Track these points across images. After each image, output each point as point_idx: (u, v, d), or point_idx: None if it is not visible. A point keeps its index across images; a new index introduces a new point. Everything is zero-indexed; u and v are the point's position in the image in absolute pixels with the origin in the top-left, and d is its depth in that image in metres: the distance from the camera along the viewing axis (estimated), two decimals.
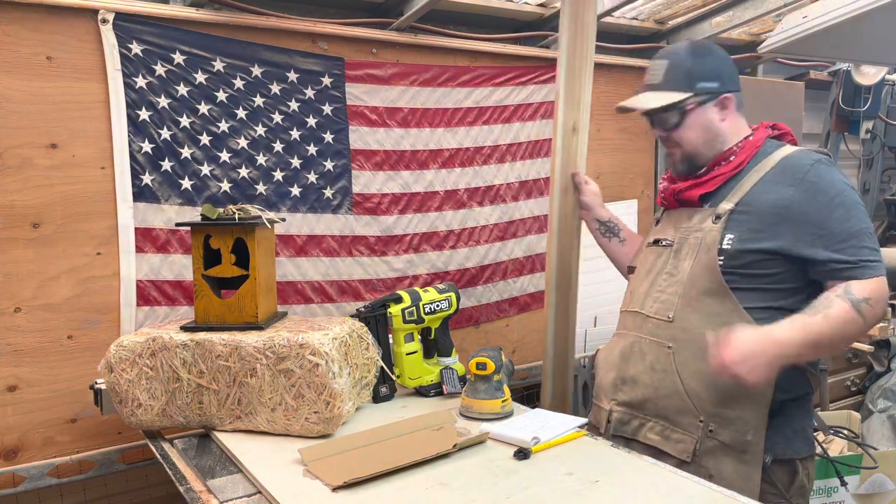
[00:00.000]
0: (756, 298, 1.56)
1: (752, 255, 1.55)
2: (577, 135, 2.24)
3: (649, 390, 1.66)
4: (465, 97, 2.72)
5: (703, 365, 1.54)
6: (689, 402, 1.59)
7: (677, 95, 1.64)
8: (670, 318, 1.63)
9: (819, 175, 1.53)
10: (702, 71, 1.64)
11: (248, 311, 1.79)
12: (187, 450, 1.78)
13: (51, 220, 2.00)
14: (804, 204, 1.52)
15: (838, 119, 4.08)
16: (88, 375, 2.02)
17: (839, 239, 1.50)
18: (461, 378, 1.97)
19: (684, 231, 1.68)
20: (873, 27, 2.37)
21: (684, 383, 1.60)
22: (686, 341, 1.60)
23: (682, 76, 1.64)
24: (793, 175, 1.55)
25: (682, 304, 1.62)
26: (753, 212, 1.56)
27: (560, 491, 1.35)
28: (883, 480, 2.53)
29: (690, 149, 1.67)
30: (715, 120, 1.65)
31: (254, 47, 2.28)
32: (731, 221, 1.58)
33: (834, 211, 1.51)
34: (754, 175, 1.60)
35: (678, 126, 1.66)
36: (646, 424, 1.68)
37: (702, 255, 1.61)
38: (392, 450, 1.53)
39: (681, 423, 1.61)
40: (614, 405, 1.74)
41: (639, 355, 1.69)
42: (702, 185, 1.67)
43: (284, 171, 2.36)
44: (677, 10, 3.09)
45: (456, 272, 2.75)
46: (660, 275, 1.71)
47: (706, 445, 1.57)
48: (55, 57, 1.98)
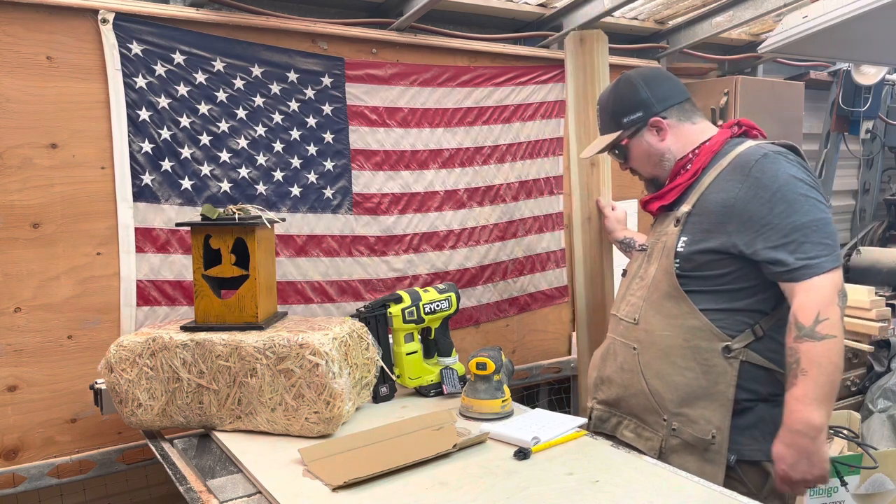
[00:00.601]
0: (711, 300, 1.58)
1: (702, 256, 1.58)
2: (597, 168, 2.42)
3: (621, 389, 1.73)
4: (465, 97, 2.72)
5: (664, 365, 1.62)
6: (652, 402, 1.65)
7: (609, 137, 1.79)
8: (636, 321, 1.70)
9: (762, 170, 1.52)
10: (622, 108, 1.75)
11: (248, 311, 1.79)
12: (187, 450, 1.78)
13: (51, 220, 2.00)
14: (747, 200, 1.52)
15: (838, 119, 4.08)
16: (88, 375, 2.03)
17: (781, 234, 1.48)
18: (461, 378, 1.97)
19: (656, 236, 1.74)
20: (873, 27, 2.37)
21: (648, 383, 1.65)
22: (649, 343, 1.66)
23: (608, 119, 1.80)
24: (741, 171, 1.55)
25: (646, 307, 1.69)
26: (705, 212, 1.59)
27: (560, 491, 1.35)
28: (883, 480, 2.53)
29: (646, 173, 1.79)
30: (654, 143, 1.73)
31: (254, 47, 2.28)
32: (688, 224, 1.62)
33: (775, 206, 1.49)
34: (710, 176, 1.62)
35: (627, 159, 1.81)
36: (622, 422, 1.75)
37: (663, 259, 1.66)
38: (392, 450, 1.53)
39: (648, 421, 1.67)
40: (595, 403, 1.84)
41: (612, 356, 1.78)
42: (661, 197, 1.73)
43: (284, 171, 2.36)
44: (677, 10, 3.09)
45: (456, 272, 2.75)
46: (634, 279, 1.78)
47: (670, 444, 1.62)
48: (55, 57, 1.98)
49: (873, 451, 2.54)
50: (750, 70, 3.68)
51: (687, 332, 1.59)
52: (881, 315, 3.13)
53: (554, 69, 2.95)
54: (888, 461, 2.53)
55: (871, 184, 4.67)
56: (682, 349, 1.60)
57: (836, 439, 2.65)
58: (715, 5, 3.02)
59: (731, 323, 1.57)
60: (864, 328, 3.16)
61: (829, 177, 4.17)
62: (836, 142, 4.15)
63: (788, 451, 1.47)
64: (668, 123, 1.72)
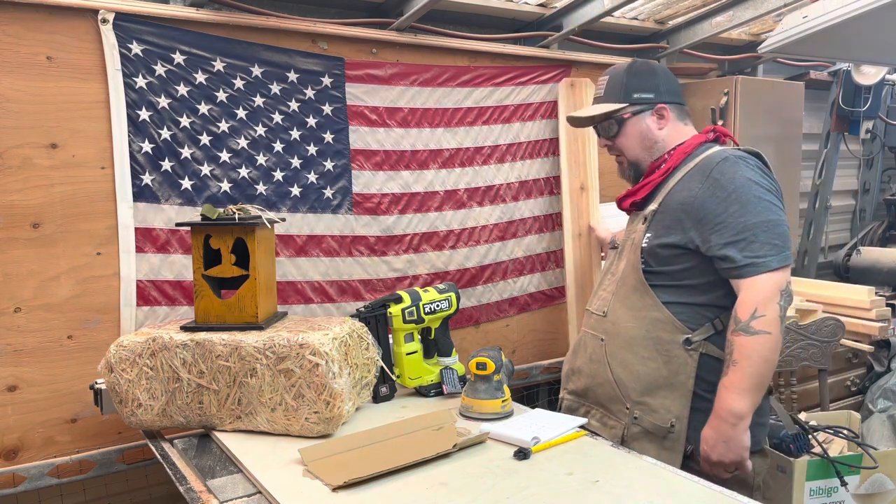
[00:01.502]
0: (674, 294, 1.66)
1: (663, 250, 1.66)
2: (586, 193, 2.88)
3: (589, 379, 1.81)
4: (465, 97, 2.72)
5: (628, 355, 1.70)
6: (617, 391, 1.72)
7: (613, 105, 1.79)
8: (605, 314, 1.78)
9: (722, 172, 1.61)
10: (637, 83, 1.77)
11: (248, 311, 1.79)
12: (187, 450, 1.78)
13: (51, 220, 2.00)
14: (704, 198, 1.61)
15: (838, 119, 4.08)
16: (88, 375, 2.02)
17: (733, 232, 1.56)
18: (461, 378, 1.97)
19: (628, 234, 1.82)
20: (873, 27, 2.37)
21: (613, 372, 1.73)
22: (615, 334, 1.73)
23: (618, 88, 1.79)
24: (702, 172, 1.65)
25: (614, 300, 1.76)
26: (667, 210, 1.68)
27: (560, 491, 1.35)
28: (883, 480, 2.53)
29: (632, 156, 1.80)
30: (652, 128, 1.77)
31: (254, 47, 2.28)
32: (653, 222, 1.71)
33: (730, 206, 1.58)
34: (677, 177, 1.71)
35: (617, 134, 1.80)
36: (590, 412, 1.82)
37: (631, 254, 1.74)
38: (392, 450, 1.53)
39: (612, 409, 1.74)
40: (566, 393, 1.92)
41: (583, 348, 1.86)
42: (633, 194, 1.81)
43: (284, 171, 2.36)
44: (677, 10, 3.09)
45: (456, 272, 2.75)
46: (606, 275, 1.87)
47: (632, 431, 1.69)
48: (55, 57, 1.98)
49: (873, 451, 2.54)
50: (750, 70, 3.68)
51: (650, 324, 1.67)
52: (881, 315, 3.13)
53: (554, 69, 2.95)
54: (888, 461, 2.53)
55: (871, 184, 4.67)
56: (645, 340, 1.68)
57: (836, 439, 2.65)
58: (715, 5, 3.02)
59: (691, 316, 1.65)
60: (864, 328, 3.16)
61: (829, 177, 4.17)
62: (836, 142, 4.15)
63: (711, 435, 1.58)
64: (670, 115, 1.79)
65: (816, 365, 2.89)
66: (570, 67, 3.00)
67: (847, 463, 2.33)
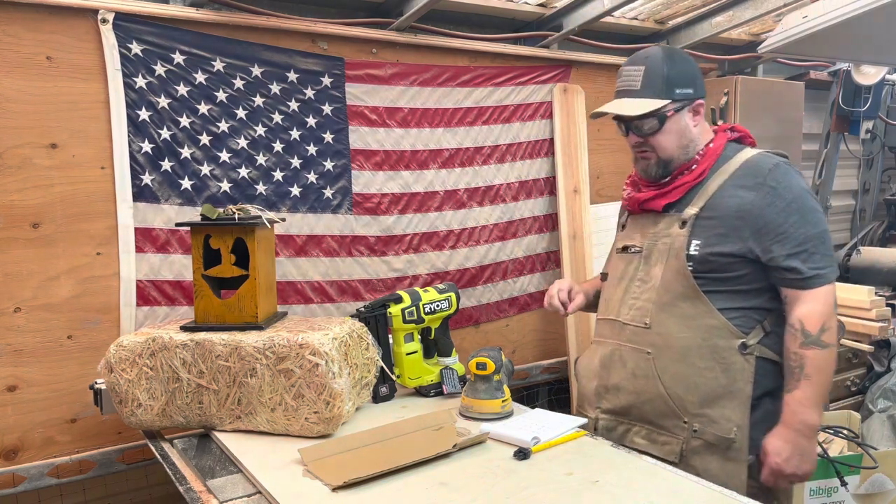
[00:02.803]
0: (727, 300, 1.61)
1: (719, 259, 1.60)
2: (579, 195, 2.97)
3: (632, 396, 1.69)
4: (465, 97, 2.72)
5: (683, 367, 1.61)
6: (671, 405, 1.63)
7: (657, 102, 1.64)
8: (647, 325, 1.66)
9: (777, 179, 1.58)
10: (678, 77, 1.65)
11: (248, 311, 1.79)
12: (187, 450, 1.78)
13: (51, 220, 2.00)
14: (763, 208, 1.57)
15: (838, 119, 4.07)
16: (88, 375, 2.02)
17: (794, 244, 1.55)
18: (461, 378, 1.97)
19: (652, 237, 1.71)
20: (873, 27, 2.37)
21: (666, 387, 1.63)
22: (664, 346, 1.64)
23: (660, 82, 1.64)
24: (754, 179, 1.60)
25: (656, 309, 1.65)
26: (718, 216, 1.61)
27: (560, 491, 1.35)
28: (883, 480, 2.53)
29: (666, 154, 1.68)
30: (689, 125, 1.68)
31: (254, 47, 2.28)
32: (697, 227, 1.62)
33: (790, 216, 1.56)
34: (717, 179, 1.64)
35: (656, 132, 1.67)
36: (632, 429, 1.71)
37: (672, 260, 1.64)
38: (392, 450, 1.53)
39: (665, 425, 1.65)
40: (599, 413, 1.77)
41: (619, 363, 1.72)
42: (666, 195, 1.69)
43: (284, 171, 2.36)
44: (677, 10, 3.09)
45: (456, 272, 2.75)
46: (632, 282, 1.73)
47: (692, 445, 1.61)
48: (55, 57, 1.98)
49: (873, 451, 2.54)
50: (750, 70, 3.68)
51: (705, 332, 1.60)
52: (881, 315, 3.13)
53: (554, 69, 2.95)
54: (888, 461, 2.53)
55: (871, 184, 4.67)
56: (701, 349, 1.60)
57: (836, 439, 2.65)
58: (715, 5, 3.02)
59: (744, 321, 1.61)
60: (864, 328, 3.15)
61: (829, 177, 4.17)
62: (836, 142, 4.15)
63: (785, 447, 1.55)
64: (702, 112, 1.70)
65: None
66: (570, 67, 3.00)
67: (847, 463, 2.33)
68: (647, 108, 1.64)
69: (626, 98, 1.69)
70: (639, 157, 1.73)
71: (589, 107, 3.03)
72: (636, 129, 1.69)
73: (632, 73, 1.69)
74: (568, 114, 2.97)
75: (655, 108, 1.64)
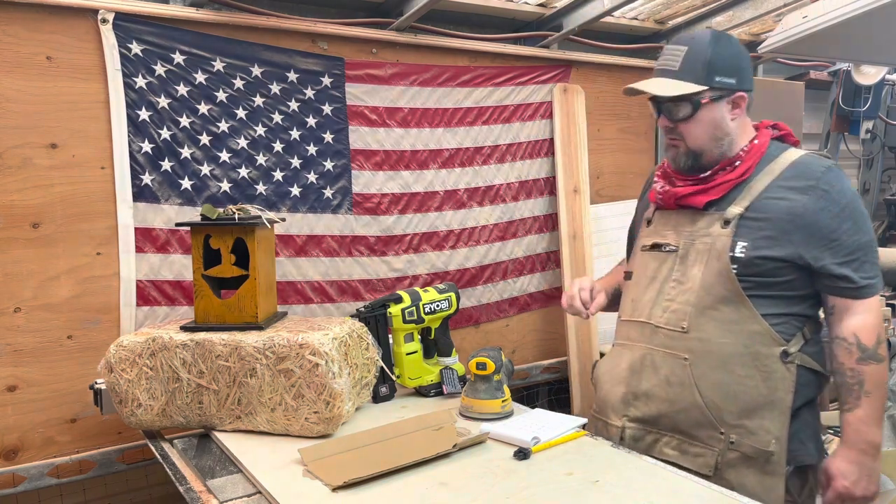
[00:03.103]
0: (771, 305, 1.53)
1: (766, 263, 1.51)
2: (579, 195, 2.99)
3: (665, 405, 1.59)
4: (465, 97, 2.72)
5: (722, 375, 1.53)
6: (708, 415, 1.54)
7: (693, 87, 1.53)
8: (685, 329, 1.56)
9: (830, 183, 1.51)
10: (721, 64, 1.53)
11: (248, 311, 1.79)
12: (187, 450, 1.78)
13: (51, 220, 2.00)
14: (815, 212, 1.49)
15: (838, 119, 4.07)
16: (88, 375, 2.02)
17: (847, 251, 1.50)
18: (461, 378, 1.97)
19: (688, 235, 1.61)
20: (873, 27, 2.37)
21: (703, 396, 1.54)
22: (703, 352, 1.55)
23: (700, 67, 1.53)
24: (805, 181, 1.52)
25: (695, 313, 1.56)
26: (766, 218, 1.52)
27: (560, 491, 1.35)
28: (883, 480, 2.52)
29: (696, 145, 1.57)
30: (726, 118, 1.56)
31: (254, 47, 2.28)
32: (742, 227, 1.53)
33: (843, 222, 1.50)
34: (763, 179, 1.55)
35: (688, 119, 1.56)
36: (661, 439, 1.62)
37: (713, 261, 1.55)
38: (392, 450, 1.53)
39: (699, 436, 1.56)
40: (626, 421, 1.66)
41: (651, 368, 1.62)
42: (707, 191, 1.59)
43: (284, 171, 2.36)
44: (677, 10, 3.09)
45: (456, 272, 2.75)
46: (666, 282, 1.63)
47: (727, 458, 1.53)
48: (55, 57, 1.98)
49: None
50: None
51: (747, 338, 1.52)
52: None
53: (554, 69, 2.95)
54: (888, 461, 2.53)
55: (871, 184, 4.66)
56: (743, 356, 1.52)
57: (836, 439, 2.65)
58: (715, 5, 3.02)
59: (786, 328, 1.54)
60: None
61: None
62: (836, 142, 4.15)
63: (852, 469, 1.50)
64: (743, 105, 1.58)
65: None
66: (570, 67, 3.00)
67: None
68: (678, 91, 1.53)
69: (663, 78, 1.58)
70: (669, 144, 1.63)
71: (589, 107, 3.04)
72: (668, 112, 1.58)
73: (673, 52, 1.57)
74: (568, 114, 2.97)
75: (688, 93, 1.52)
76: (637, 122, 3.20)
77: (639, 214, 1.86)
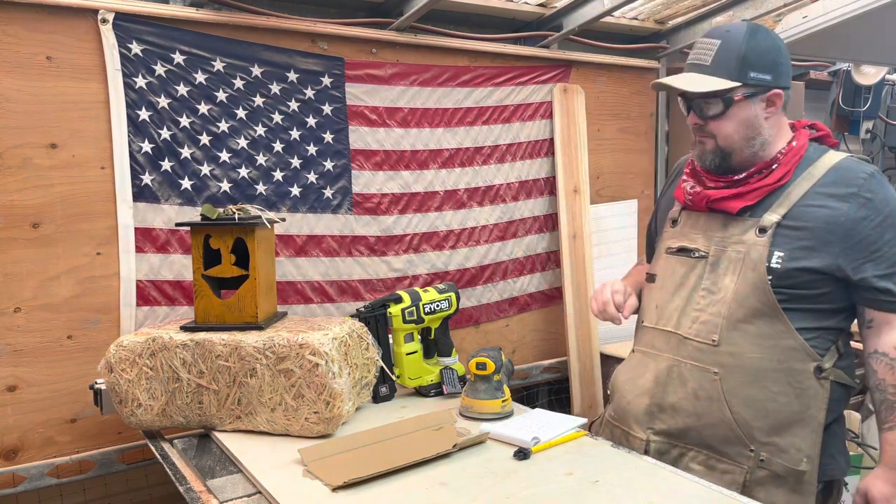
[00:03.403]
0: (806, 319, 1.47)
1: (803, 275, 1.45)
2: (579, 195, 2.99)
3: (692, 419, 1.53)
4: (465, 97, 2.71)
5: (754, 391, 1.48)
6: (738, 431, 1.49)
7: (725, 83, 1.46)
8: (715, 342, 1.50)
9: (873, 190, 1.44)
10: (756, 60, 1.46)
11: (248, 311, 1.79)
12: (187, 450, 1.78)
13: (51, 220, 2.00)
14: (856, 221, 1.43)
15: (838, 119, 4.07)
16: (88, 375, 2.02)
17: (889, 264, 1.43)
18: (461, 378, 1.97)
19: (720, 241, 1.54)
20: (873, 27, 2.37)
21: (733, 411, 1.49)
22: (734, 367, 1.49)
23: (734, 62, 1.45)
24: (846, 188, 1.44)
25: (726, 325, 1.49)
26: (804, 227, 1.45)
27: (560, 491, 1.35)
28: None
29: (726, 143, 1.51)
30: (760, 116, 1.49)
31: (254, 47, 2.28)
32: (779, 236, 1.46)
33: (885, 232, 1.43)
34: (802, 184, 1.48)
35: (719, 116, 1.49)
36: (687, 454, 1.57)
37: (747, 271, 1.48)
38: (392, 450, 1.53)
39: (727, 452, 1.51)
40: (651, 434, 1.60)
41: (678, 381, 1.55)
42: (741, 196, 1.51)
43: (284, 171, 2.36)
44: (677, 10, 3.09)
45: (456, 272, 2.75)
46: (695, 291, 1.56)
47: (756, 476, 1.48)
48: (55, 57, 1.98)
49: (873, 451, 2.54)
50: None
51: (781, 354, 1.46)
52: None
53: (554, 69, 2.95)
54: None
55: None
56: (776, 372, 1.47)
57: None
58: (715, 5, 3.02)
59: (820, 342, 1.48)
60: None
61: None
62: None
63: (889, 489, 1.46)
64: (779, 104, 1.51)
65: None
66: (570, 67, 3.00)
67: None
68: (711, 87, 1.46)
69: (694, 73, 1.50)
70: (696, 140, 1.56)
71: (589, 107, 3.04)
72: (698, 109, 1.51)
73: (706, 46, 1.49)
74: (568, 114, 2.97)
75: (721, 89, 1.46)
76: (637, 122, 3.20)
77: (662, 211, 1.77)
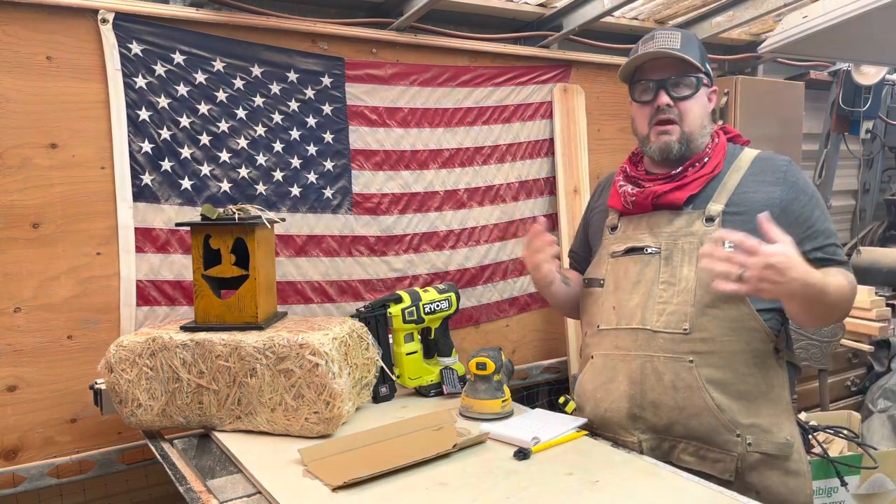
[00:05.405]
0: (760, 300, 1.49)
1: None
2: (579, 195, 3.00)
3: (674, 412, 1.53)
4: (465, 97, 2.72)
5: (728, 374, 1.50)
6: (721, 417, 1.49)
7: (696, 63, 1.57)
8: (686, 330, 1.52)
9: (796, 175, 1.58)
10: (704, 56, 1.62)
11: (248, 311, 1.79)
12: (187, 450, 1.78)
13: (51, 220, 2.00)
14: (790, 203, 1.55)
15: (838, 119, 4.07)
16: (88, 375, 2.02)
17: (823, 237, 1.56)
18: (461, 378, 1.97)
19: (669, 236, 1.59)
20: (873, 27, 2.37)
21: (713, 398, 1.50)
22: (707, 353, 1.51)
23: (696, 51, 1.57)
24: (773, 175, 1.58)
25: (695, 313, 1.52)
26: (746, 212, 1.53)
27: (560, 491, 1.35)
28: (883, 480, 2.53)
29: (690, 129, 1.59)
30: (708, 107, 1.64)
31: (254, 47, 2.28)
32: (726, 223, 1.53)
33: (814, 210, 1.56)
34: (734, 175, 1.59)
35: (689, 97, 1.57)
36: (678, 446, 1.56)
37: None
38: (392, 450, 1.53)
39: (715, 440, 1.51)
40: (640, 434, 1.59)
41: (654, 376, 1.55)
42: (684, 187, 1.58)
43: (284, 171, 2.36)
44: (677, 10, 3.09)
45: (456, 272, 2.75)
46: (654, 285, 1.58)
47: (749, 461, 1.49)
48: (55, 57, 1.98)
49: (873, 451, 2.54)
50: (750, 70, 3.67)
51: (748, 335, 1.51)
52: (881, 315, 3.14)
53: (554, 69, 2.95)
54: (888, 461, 2.53)
55: (871, 184, 4.66)
56: (744, 354, 1.51)
57: (836, 439, 2.65)
58: (715, 5, 3.02)
59: (773, 324, 1.54)
60: (864, 328, 3.16)
61: (829, 177, 4.16)
62: (836, 142, 4.14)
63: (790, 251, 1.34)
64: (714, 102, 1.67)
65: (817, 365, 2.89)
66: (571, 67, 3.00)
67: (847, 463, 2.33)
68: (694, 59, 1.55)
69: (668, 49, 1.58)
70: (660, 131, 1.59)
71: (589, 107, 3.04)
72: (673, 86, 1.58)
73: (668, 34, 1.59)
74: (568, 114, 2.97)
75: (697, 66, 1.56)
76: None
77: (595, 224, 1.82)
